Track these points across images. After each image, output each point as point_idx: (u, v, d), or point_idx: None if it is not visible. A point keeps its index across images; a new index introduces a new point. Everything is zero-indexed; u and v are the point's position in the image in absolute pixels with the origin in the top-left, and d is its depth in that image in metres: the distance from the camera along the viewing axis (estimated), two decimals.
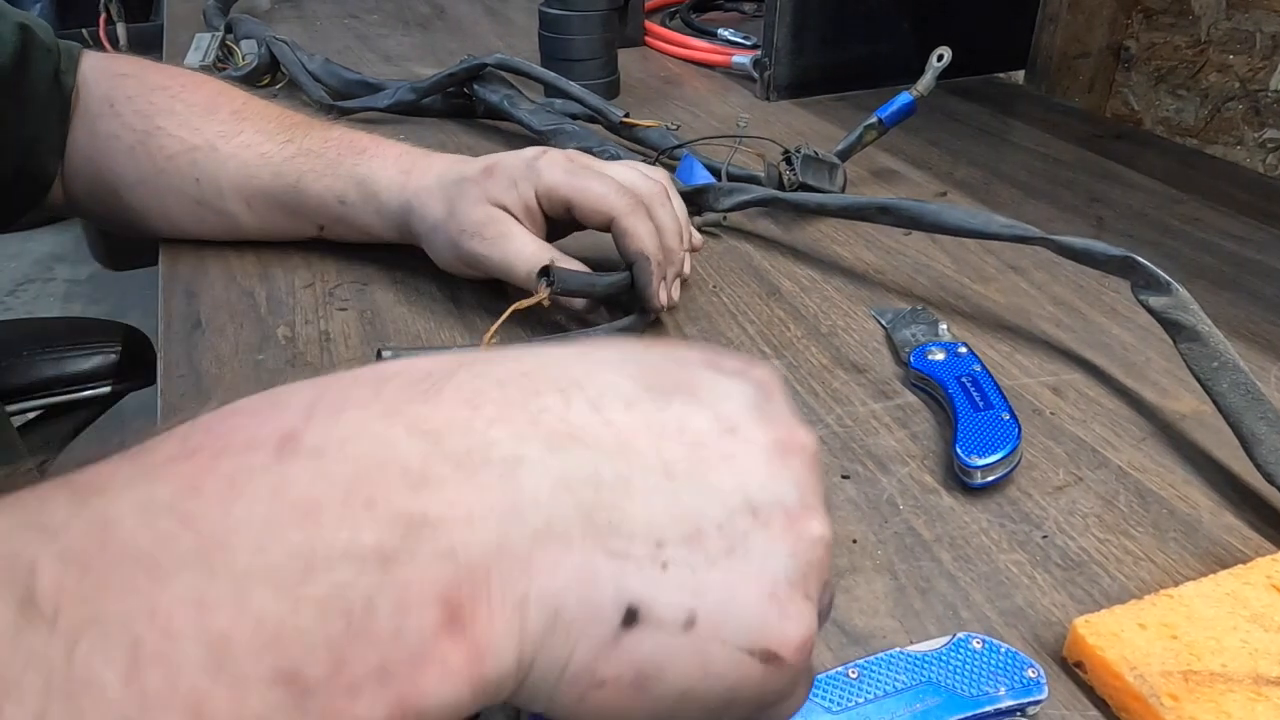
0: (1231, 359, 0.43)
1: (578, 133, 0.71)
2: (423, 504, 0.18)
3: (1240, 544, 0.39)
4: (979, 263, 0.60)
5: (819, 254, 0.61)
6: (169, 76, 0.59)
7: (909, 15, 0.89)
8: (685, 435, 0.21)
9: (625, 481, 0.20)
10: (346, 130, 0.58)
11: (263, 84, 0.88)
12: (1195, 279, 0.57)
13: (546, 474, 0.20)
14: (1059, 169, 0.74)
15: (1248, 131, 0.92)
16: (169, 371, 0.48)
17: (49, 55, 0.56)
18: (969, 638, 0.32)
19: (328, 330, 0.52)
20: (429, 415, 0.20)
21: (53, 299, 2.34)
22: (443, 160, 0.54)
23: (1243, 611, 0.33)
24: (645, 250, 0.49)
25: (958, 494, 0.41)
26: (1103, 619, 0.33)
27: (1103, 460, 0.43)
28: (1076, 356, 0.51)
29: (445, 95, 0.80)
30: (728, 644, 0.20)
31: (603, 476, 0.20)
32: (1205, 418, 0.45)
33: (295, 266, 0.58)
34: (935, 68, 0.68)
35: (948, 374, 0.46)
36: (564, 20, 0.83)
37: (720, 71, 0.96)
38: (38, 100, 0.55)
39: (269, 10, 1.16)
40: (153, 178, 0.57)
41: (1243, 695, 0.30)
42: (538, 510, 0.19)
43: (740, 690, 0.20)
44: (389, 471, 0.19)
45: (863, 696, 0.30)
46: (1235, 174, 0.74)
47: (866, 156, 0.73)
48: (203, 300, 0.55)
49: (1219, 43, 0.93)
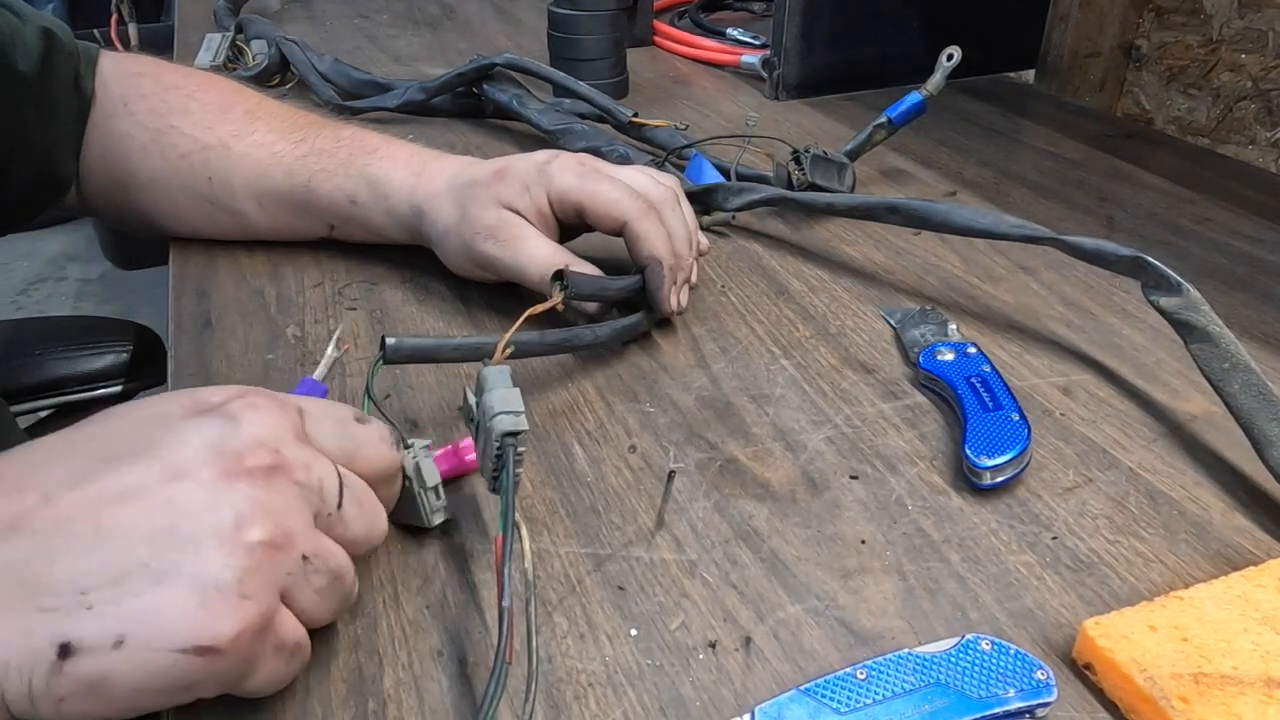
0: (1243, 360, 0.42)
1: (587, 132, 0.71)
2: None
3: (1251, 546, 0.38)
4: (988, 263, 0.60)
5: (828, 254, 0.61)
6: (183, 76, 0.60)
7: (918, 15, 0.89)
8: (126, 494, 0.27)
9: (52, 551, 0.26)
10: (358, 130, 0.58)
11: (273, 84, 0.88)
12: (1206, 279, 0.57)
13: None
14: (1069, 169, 0.74)
15: (1260, 131, 0.92)
16: (179, 370, 0.49)
17: (70, 59, 0.56)
18: (978, 639, 0.32)
19: (337, 329, 0.52)
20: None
21: (64, 298, 2.36)
22: (453, 163, 0.54)
23: (1254, 614, 0.33)
24: (658, 254, 0.49)
25: (967, 495, 0.41)
26: (1113, 621, 0.33)
27: (1113, 461, 0.43)
28: (1087, 357, 0.50)
29: (454, 95, 0.81)
30: (159, 649, 0.26)
31: (33, 552, 0.26)
32: (1216, 419, 0.45)
33: (305, 266, 0.58)
34: (945, 67, 0.68)
35: (957, 374, 0.46)
36: (573, 20, 0.83)
37: (729, 71, 0.96)
38: (59, 105, 0.56)
39: (279, 11, 1.16)
40: (165, 176, 0.57)
41: (1254, 698, 0.30)
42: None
43: (190, 679, 0.26)
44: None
45: (871, 698, 0.30)
46: (1247, 174, 0.74)
47: (875, 156, 0.73)
48: (213, 299, 0.55)
49: (1231, 42, 0.92)
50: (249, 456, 0.29)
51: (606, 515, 0.39)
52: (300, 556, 0.29)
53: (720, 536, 0.38)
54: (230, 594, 0.27)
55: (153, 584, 0.26)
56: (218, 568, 0.27)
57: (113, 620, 0.26)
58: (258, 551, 0.28)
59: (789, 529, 0.39)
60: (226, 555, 0.27)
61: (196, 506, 0.27)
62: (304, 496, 0.30)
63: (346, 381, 0.48)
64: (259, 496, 0.28)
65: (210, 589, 0.26)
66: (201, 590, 0.26)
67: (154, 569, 0.26)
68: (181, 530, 0.27)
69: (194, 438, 0.29)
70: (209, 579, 0.27)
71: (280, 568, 0.28)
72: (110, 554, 0.26)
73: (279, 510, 0.29)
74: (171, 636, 0.26)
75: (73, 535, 0.27)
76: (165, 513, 0.27)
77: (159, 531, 0.27)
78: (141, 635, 0.26)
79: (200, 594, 0.26)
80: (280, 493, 0.29)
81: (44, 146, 0.56)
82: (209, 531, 0.27)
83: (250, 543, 0.27)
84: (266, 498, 0.28)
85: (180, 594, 0.26)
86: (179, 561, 0.27)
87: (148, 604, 0.26)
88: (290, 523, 0.29)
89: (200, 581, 0.26)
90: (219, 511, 0.27)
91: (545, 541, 0.38)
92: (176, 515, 0.27)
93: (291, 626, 0.29)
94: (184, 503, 0.27)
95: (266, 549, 0.28)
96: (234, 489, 0.28)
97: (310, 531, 0.30)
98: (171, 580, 0.26)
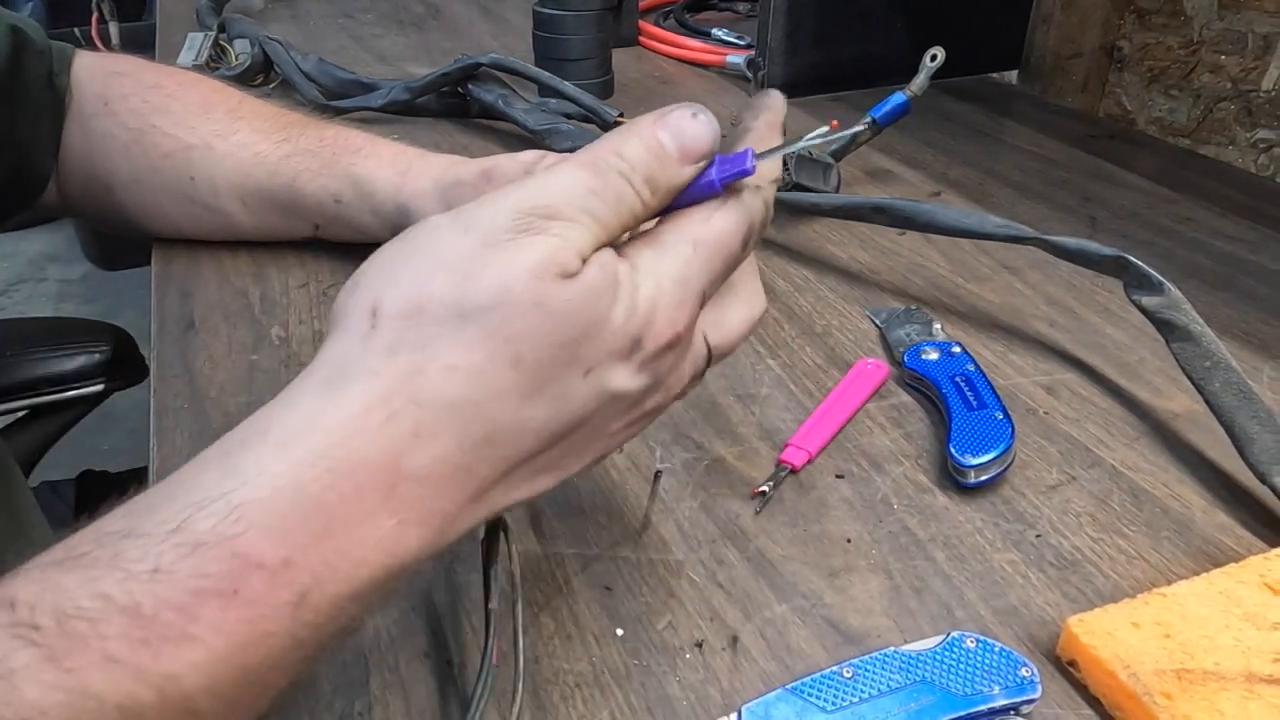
0: (1224, 358, 0.43)
1: (573, 132, 0.71)
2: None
3: (1233, 543, 0.39)
4: (973, 262, 0.60)
5: (813, 253, 0.61)
6: (164, 75, 0.59)
7: (902, 15, 0.89)
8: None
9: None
10: (342, 129, 0.58)
11: (256, 84, 0.87)
12: (1188, 279, 0.58)
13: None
14: (1052, 169, 0.74)
15: (1240, 132, 0.93)
16: (162, 372, 0.48)
17: (41, 57, 0.56)
18: (963, 637, 0.32)
19: (322, 330, 0.52)
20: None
21: (45, 299, 2.33)
22: (439, 162, 0.54)
23: (1235, 610, 0.33)
24: None
25: (952, 493, 0.41)
26: (1096, 618, 0.33)
27: (1096, 459, 0.43)
28: (1070, 356, 0.51)
29: (440, 95, 0.80)
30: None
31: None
32: (1198, 417, 0.45)
33: (289, 266, 0.58)
34: (929, 68, 0.68)
35: (942, 373, 0.46)
36: (558, 20, 0.83)
37: (714, 71, 0.96)
38: (32, 103, 0.55)
39: (262, 10, 1.16)
40: (147, 176, 0.57)
41: (1236, 693, 0.30)
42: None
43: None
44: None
45: (857, 696, 0.30)
46: (1227, 174, 0.74)
47: (860, 156, 0.73)
48: (196, 300, 0.55)
49: (1211, 43, 0.93)
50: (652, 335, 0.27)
51: (593, 515, 0.39)
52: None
53: (707, 536, 0.38)
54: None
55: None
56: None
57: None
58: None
59: (775, 528, 0.39)
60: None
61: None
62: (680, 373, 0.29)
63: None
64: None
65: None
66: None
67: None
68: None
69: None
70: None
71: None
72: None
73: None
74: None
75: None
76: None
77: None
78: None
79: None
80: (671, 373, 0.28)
81: (17, 144, 0.55)
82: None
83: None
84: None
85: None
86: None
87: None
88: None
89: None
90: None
91: (531, 542, 0.38)
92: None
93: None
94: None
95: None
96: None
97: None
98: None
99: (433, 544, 0.25)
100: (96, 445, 1.67)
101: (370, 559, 0.24)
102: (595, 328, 0.25)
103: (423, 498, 0.25)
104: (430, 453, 0.24)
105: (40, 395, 0.95)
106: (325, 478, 0.23)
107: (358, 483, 0.24)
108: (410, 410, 0.24)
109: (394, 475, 0.24)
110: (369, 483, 0.24)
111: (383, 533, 0.24)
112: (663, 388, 0.28)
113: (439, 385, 0.24)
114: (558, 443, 0.27)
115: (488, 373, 0.25)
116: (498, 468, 0.26)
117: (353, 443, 0.24)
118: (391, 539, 0.24)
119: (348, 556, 0.24)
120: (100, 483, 1.00)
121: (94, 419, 1.02)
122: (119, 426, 1.74)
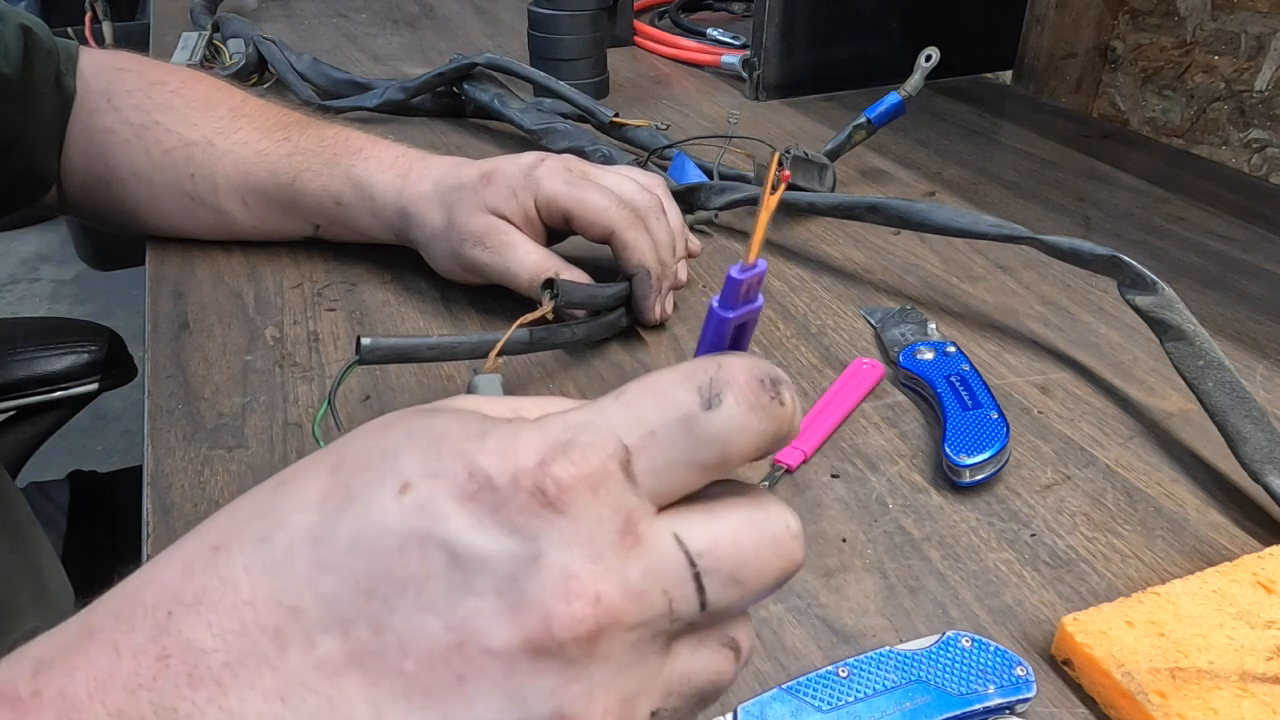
0: (1217, 357, 0.43)
1: (569, 132, 0.71)
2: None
3: (1226, 541, 0.39)
4: (967, 262, 0.60)
5: (808, 253, 0.61)
6: (168, 72, 0.59)
7: (897, 16, 0.89)
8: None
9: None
10: (343, 129, 0.58)
11: (250, 83, 0.87)
12: (1181, 278, 0.58)
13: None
14: (1046, 169, 0.74)
15: (1233, 132, 0.93)
16: (156, 372, 0.48)
17: (50, 57, 0.55)
18: (958, 636, 0.32)
19: (316, 331, 0.52)
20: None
21: (38, 299, 2.33)
22: (440, 165, 0.54)
23: (1229, 609, 0.33)
24: (646, 264, 0.49)
25: (946, 493, 0.41)
26: (1090, 617, 0.33)
27: (1090, 459, 0.43)
28: (1064, 355, 0.51)
29: (434, 95, 0.80)
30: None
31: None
32: (1191, 416, 0.45)
33: (284, 266, 0.58)
34: (923, 68, 0.68)
35: (936, 373, 0.46)
36: (553, 20, 0.83)
37: (709, 71, 0.96)
38: (41, 103, 0.55)
39: (256, 9, 1.15)
40: (147, 172, 0.57)
41: (1229, 692, 0.30)
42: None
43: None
44: None
45: (852, 695, 0.30)
46: (1221, 174, 0.75)
47: (855, 156, 0.74)
48: (190, 300, 0.54)
49: (1204, 43, 0.93)
50: (555, 622, 0.18)
51: None
52: (648, 715, 0.20)
53: None
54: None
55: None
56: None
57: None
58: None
59: None
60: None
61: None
62: (641, 645, 0.19)
63: (326, 385, 0.48)
64: (571, 689, 0.18)
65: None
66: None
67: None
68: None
69: (478, 582, 0.18)
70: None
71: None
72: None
73: (604, 688, 0.19)
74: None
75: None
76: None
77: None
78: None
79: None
80: (605, 663, 0.19)
81: (26, 145, 0.55)
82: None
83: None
84: (580, 687, 0.19)
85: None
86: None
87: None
88: (623, 697, 0.19)
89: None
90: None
91: None
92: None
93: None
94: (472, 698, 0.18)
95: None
96: (537, 682, 0.18)
97: (654, 680, 0.20)
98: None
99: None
100: (90, 446, 1.67)
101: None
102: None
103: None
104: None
105: (25, 396, 0.95)
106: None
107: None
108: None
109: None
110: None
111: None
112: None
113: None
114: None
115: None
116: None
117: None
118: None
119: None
120: (90, 483, 0.99)
121: (88, 420, 1.02)
122: (113, 427, 1.74)
